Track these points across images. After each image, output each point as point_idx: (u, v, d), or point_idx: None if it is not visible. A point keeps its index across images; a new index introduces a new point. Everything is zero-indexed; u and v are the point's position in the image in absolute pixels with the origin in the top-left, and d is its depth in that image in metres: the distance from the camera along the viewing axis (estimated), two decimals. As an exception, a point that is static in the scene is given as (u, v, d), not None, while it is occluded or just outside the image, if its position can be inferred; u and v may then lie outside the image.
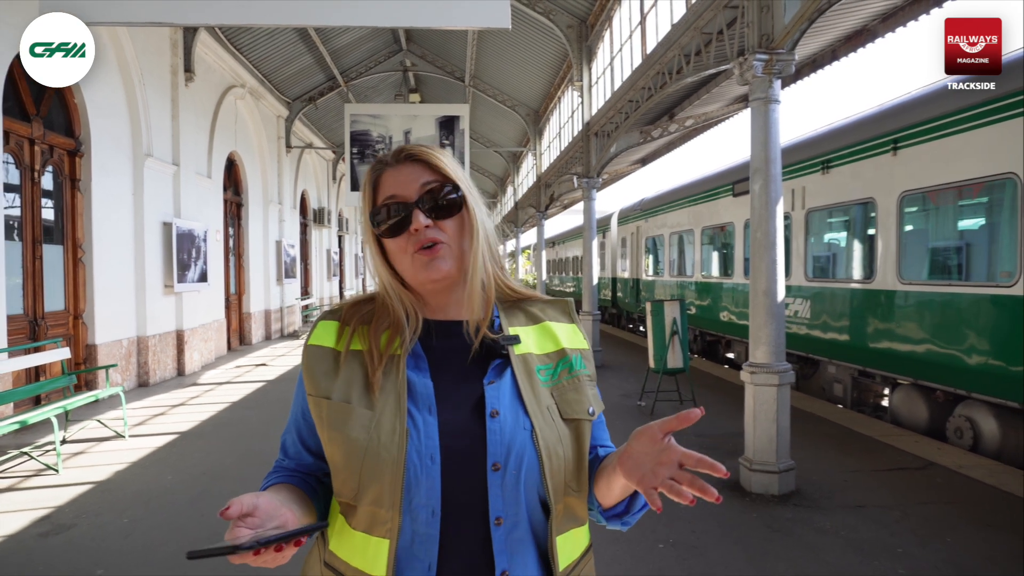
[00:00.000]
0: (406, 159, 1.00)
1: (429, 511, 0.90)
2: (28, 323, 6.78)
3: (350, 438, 0.93)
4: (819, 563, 3.37)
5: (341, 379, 0.97)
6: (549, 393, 0.99)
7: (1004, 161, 5.15)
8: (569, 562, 0.97)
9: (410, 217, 0.96)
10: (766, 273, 4.42)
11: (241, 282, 13.45)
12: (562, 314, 1.10)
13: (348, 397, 0.95)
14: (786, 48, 4.33)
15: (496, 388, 0.96)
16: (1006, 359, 5.13)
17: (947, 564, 3.35)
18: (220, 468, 5.08)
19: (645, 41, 8.47)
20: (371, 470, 0.91)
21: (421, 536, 0.90)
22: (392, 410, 0.93)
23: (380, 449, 0.91)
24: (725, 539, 3.70)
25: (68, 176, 7.54)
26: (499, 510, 0.91)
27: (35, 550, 3.59)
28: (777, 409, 4.34)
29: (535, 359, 1.01)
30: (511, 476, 0.91)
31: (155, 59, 9.10)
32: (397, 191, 0.99)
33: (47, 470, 5.00)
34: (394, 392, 0.94)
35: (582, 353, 1.06)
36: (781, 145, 4.52)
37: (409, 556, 0.90)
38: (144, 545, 3.65)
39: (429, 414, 0.93)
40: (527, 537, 0.93)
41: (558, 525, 0.95)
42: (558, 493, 0.94)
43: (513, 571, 0.91)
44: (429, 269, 0.97)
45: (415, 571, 0.90)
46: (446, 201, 0.98)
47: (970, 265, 5.66)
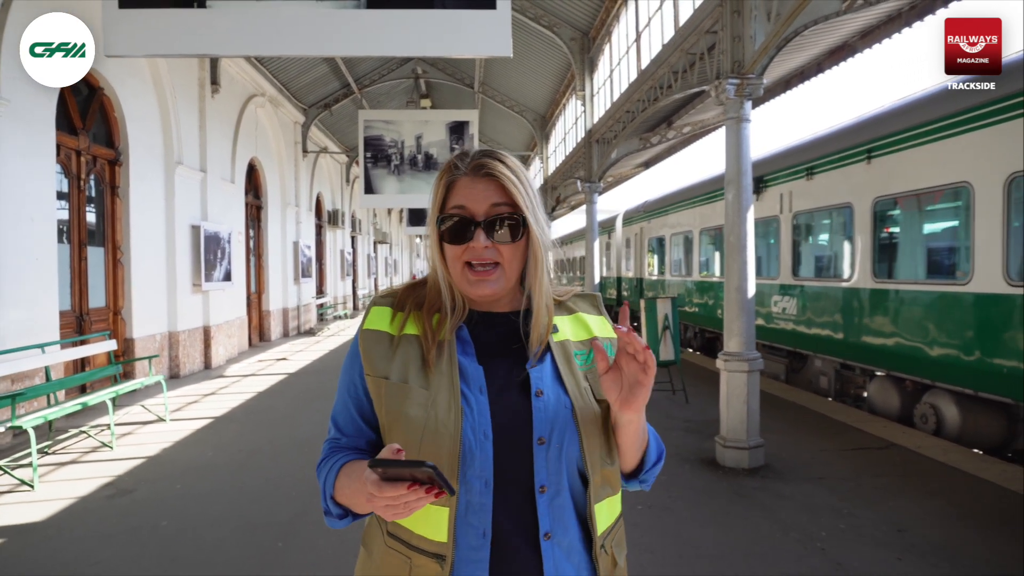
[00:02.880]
0: (484, 175, 1.05)
1: (483, 482, 0.99)
2: (75, 318, 7.44)
3: (408, 416, 1.02)
4: (772, 520, 3.94)
5: (398, 361, 1.06)
6: (584, 376, 1.08)
7: (960, 171, 5.68)
8: (606, 527, 1.07)
9: (473, 233, 1.04)
10: (738, 272, 4.99)
11: (261, 281, 14.12)
12: (592, 307, 1.20)
13: (405, 377, 1.04)
14: (756, 73, 4.89)
15: (539, 371, 1.05)
16: (963, 350, 5.66)
17: (884, 521, 3.91)
18: (254, 447, 5.70)
19: (640, 57, 9.04)
20: (430, 445, 0.99)
21: (475, 505, 0.99)
22: (447, 390, 1.02)
23: (438, 425, 1.00)
24: (695, 502, 4.27)
25: (109, 184, 8.21)
26: (543, 479, 1.01)
27: (107, 508, 4.23)
28: (748, 392, 4.90)
29: (572, 345, 1.11)
30: (554, 449, 1.01)
31: (185, 74, 9.77)
32: (467, 204, 1.05)
33: (102, 447, 5.65)
34: (447, 374, 1.03)
35: (611, 342, 1.13)
36: (772, 152, 5.07)
37: (465, 524, 0.99)
38: (197, 504, 4.27)
39: (480, 394, 1.02)
40: (568, 504, 1.03)
41: (596, 493, 1.04)
42: (595, 465, 1.03)
43: (555, 533, 1.01)
44: (474, 287, 1.06)
45: (471, 537, 0.99)
46: (509, 227, 1.05)
47: (932, 265, 6.20)
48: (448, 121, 14.28)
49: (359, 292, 24.46)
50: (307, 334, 15.89)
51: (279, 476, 4.84)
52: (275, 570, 3.31)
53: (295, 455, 5.37)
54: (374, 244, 29.32)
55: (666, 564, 3.38)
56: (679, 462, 5.16)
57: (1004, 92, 5.21)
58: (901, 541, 3.63)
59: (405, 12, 4.86)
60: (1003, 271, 5.22)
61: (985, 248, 5.40)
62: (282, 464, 5.18)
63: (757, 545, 3.61)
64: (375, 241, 29.17)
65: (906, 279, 6.42)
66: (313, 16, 4.86)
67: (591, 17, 10.91)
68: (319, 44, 4.97)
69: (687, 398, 7.54)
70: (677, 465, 5.08)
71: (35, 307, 6.30)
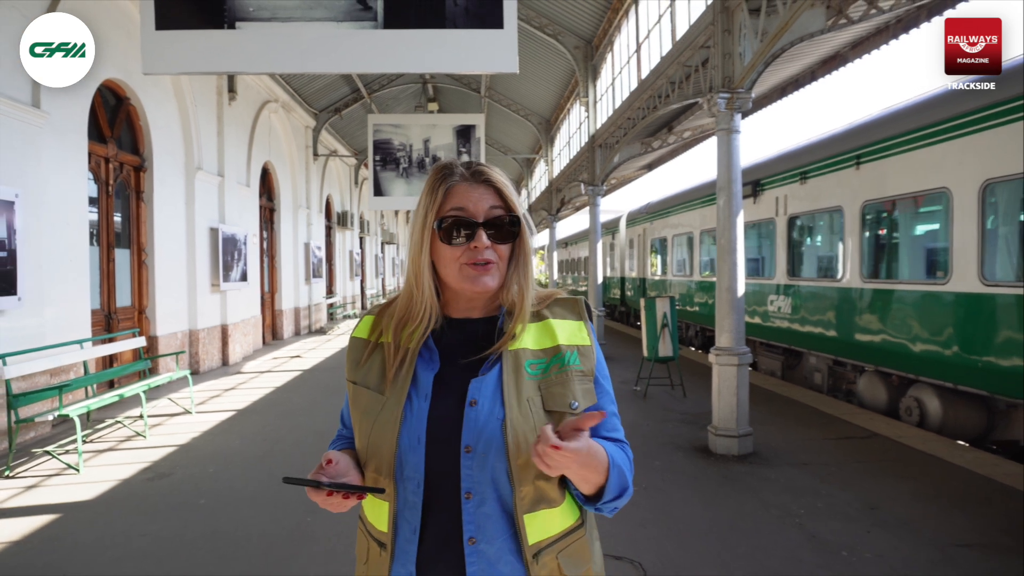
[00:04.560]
0: (483, 182, 1.13)
1: (415, 483, 1.06)
2: (104, 317, 7.86)
3: (363, 418, 1.13)
4: (756, 500, 4.31)
5: (366, 367, 1.17)
6: (536, 386, 1.10)
7: (939, 177, 6.03)
8: (542, 538, 1.08)
9: (474, 234, 1.09)
10: (729, 273, 5.36)
11: (274, 281, 14.55)
12: (570, 312, 1.19)
13: (368, 383, 1.15)
14: (745, 88, 5.25)
15: (480, 381, 1.08)
16: (943, 346, 6.01)
17: (858, 500, 4.27)
18: (277, 436, 6.10)
19: (640, 67, 9.41)
20: (374, 445, 1.10)
21: (409, 503, 1.07)
22: (397, 396, 1.10)
23: (383, 428, 1.09)
24: (687, 485, 4.64)
25: (134, 189, 8.63)
26: (469, 486, 1.05)
27: (148, 488, 4.64)
28: (737, 384, 5.27)
29: (528, 354, 1.12)
30: (479, 458, 1.05)
31: (204, 83, 10.20)
32: (468, 206, 1.10)
33: (136, 436, 6.07)
34: (402, 381, 1.11)
35: (579, 349, 1.14)
36: (769, 156, 5.40)
37: (402, 518, 1.08)
38: (229, 485, 4.68)
39: (424, 401, 1.09)
40: (495, 512, 1.06)
41: (525, 505, 1.07)
42: (524, 477, 1.05)
43: (480, 540, 1.05)
44: (475, 283, 1.11)
45: (406, 531, 1.08)
46: (507, 229, 1.12)
47: (915, 266, 6.55)
48: (455, 125, 14.66)
49: (367, 292, 24.89)
50: (318, 333, 16.31)
51: (303, 462, 5.23)
52: (307, 539, 3.71)
53: (316, 443, 5.76)
54: (382, 245, 29.75)
55: (659, 536, 3.75)
56: (674, 450, 5.53)
57: (978, 104, 5.57)
58: (872, 517, 4.00)
59: (419, 32, 5.26)
60: (978, 272, 5.57)
61: (962, 250, 5.75)
62: (305, 451, 5.58)
63: (741, 520, 3.98)
64: (383, 242, 29.60)
65: (892, 279, 6.78)
66: (334, 36, 5.26)
67: (594, 27, 11.29)
68: (340, 62, 5.36)
69: (685, 392, 7.90)
70: (672, 452, 5.45)
71: (70, 306, 6.72)
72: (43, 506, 4.31)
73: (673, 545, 3.65)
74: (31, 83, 6.00)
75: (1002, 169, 5.37)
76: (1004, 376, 5.39)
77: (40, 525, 3.98)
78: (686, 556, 3.51)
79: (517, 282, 1.14)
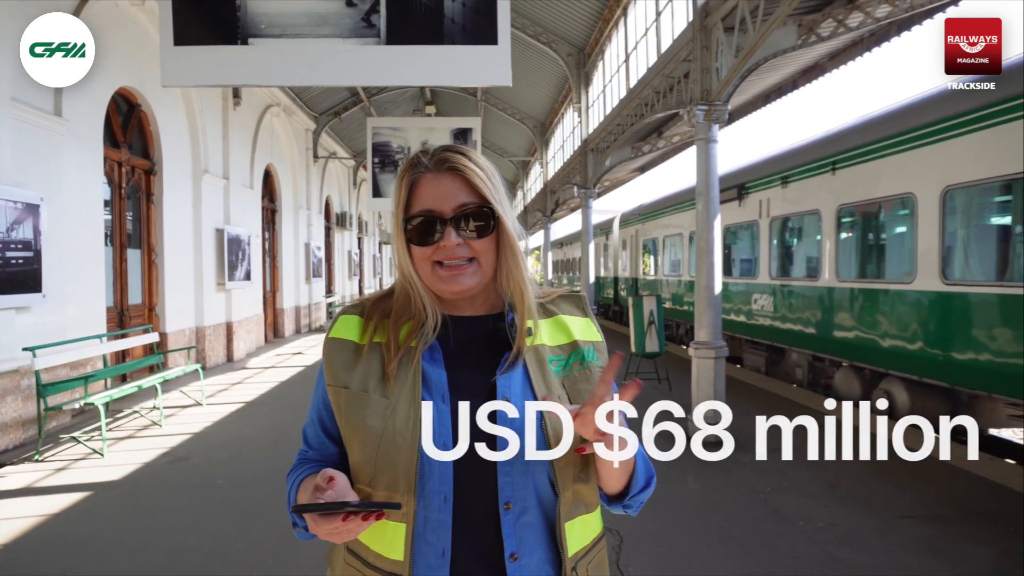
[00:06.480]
0: (448, 170, 1.00)
1: (441, 497, 0.93)
2: (117, 314, 8.24)
3: (367, 425, 0.97)
4: (727, 479, 4.73)
5: (359, 370, 1.01)
6: (560, 383, 1.01)
7: (906, 183, 6.45)
8: (579, 548, 0.99)
9: (443, 233, 0.98)
10: (707, 272, 5.77)
11: (275, 281, 14.93)
12: (576, 308, 1.11)
13: (366, 387, 0.99)
14: (722, 100, 5.67)
15: (507, 378, 0.98)
16: (908, 341, 6.43)
17: (819, 479, 4.70)
18: (284, 425, 6.49)
19: (628, 76, 9.84)
20: (386, 456, 0.94)
21: (434, 522, 0.93)
22: (407, 398, 0.96)
23: (395, 435, 0.95)
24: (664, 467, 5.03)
25: (144, 191, 9.01)
26: (508, 495, 0.94)
27: (169, 470, 5.04)
28: (715, 376, 5.69)
29: (547, 350, 1.03)
30: (519, 463, 0.93)
31: (211, 90, 10.54)
32: (433, 206, 0.99)
33: (152, 425, 6.45)
34: (409, 381, 0.98)
35: (595, 345, 1.08)
36: (753, 160, 5.79)
37: (423, 541, 0.94)
38: (244, 468, 5.07)
39: (443, 402, 0.96)
40: (537, 522, 0.96)
41: (566, 511, 0.97)
42: (566, 480, 0.96)
43: (522, 554, 0.95)
44: (448, 283, 0.99)
45: (430, 556, 0.93)
46: (480, 221, 0.99)
47: (884, 266, 6.98)
48: (452, 128, 15.00)
49: (365, 291, 25.27)
50: (317, 331, 16.69)
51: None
52: (318, 513, 4.11)
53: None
54: (379, 245, 30.13)
55: (635, 510, 4.15)
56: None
57: (940, 115, 5.99)
58: (830, 494, 4.42)
59: (419, 48, 5.65)
60: (939, 272, 5.99)
61: (926, 251, 6.17)
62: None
63: (711, 495, 4.40)
64: (380, 242, 29.99)
65: (863, 279, 7.20)
66: (340, 51, 5.65)
67: (586, 36, 11.71)
68: (345, 75, 5.76)
69: (671, 386, 8.31)
70: (654, 439, 5.85)
71: (88, 303, 7.10)
72: (75, 485, 4.70)
73: (650, 517, 4.05)
74: (53, 92, 6.38)
75: (960, 176, 5.79)
76: (964, 369, 5.81)
77: (75, 501, 4.38)
78: (661, 525, 3.93)
79: (509, 275, 1.03)
